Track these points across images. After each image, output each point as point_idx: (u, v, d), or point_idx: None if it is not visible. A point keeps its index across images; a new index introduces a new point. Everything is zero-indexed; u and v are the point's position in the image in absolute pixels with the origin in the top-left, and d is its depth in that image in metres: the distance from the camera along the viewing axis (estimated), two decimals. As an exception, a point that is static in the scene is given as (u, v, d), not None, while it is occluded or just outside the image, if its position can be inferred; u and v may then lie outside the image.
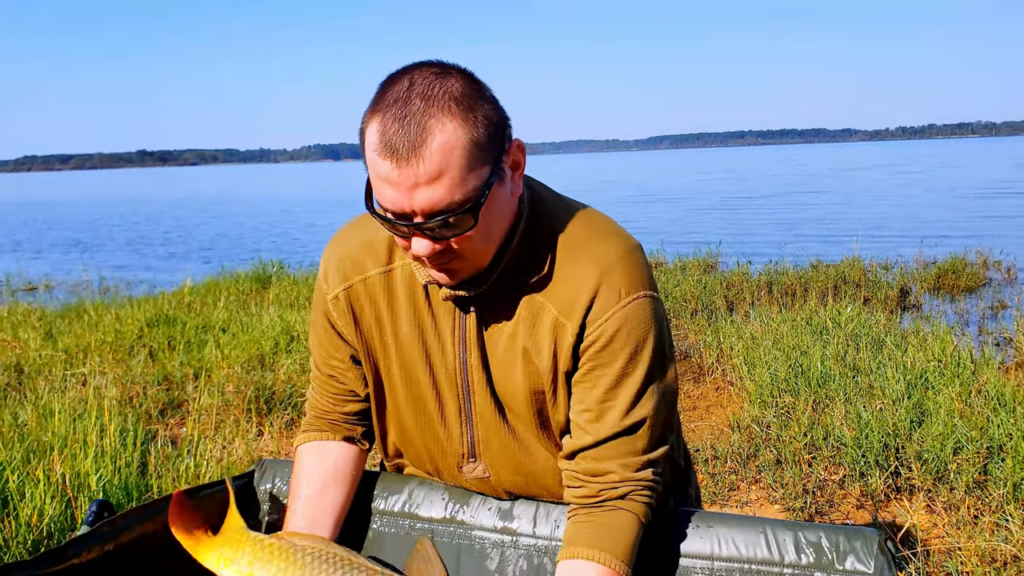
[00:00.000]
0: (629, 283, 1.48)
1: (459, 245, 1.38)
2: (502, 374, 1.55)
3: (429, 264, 1.42)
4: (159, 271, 16.47)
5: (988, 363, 5.21)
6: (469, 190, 1.33)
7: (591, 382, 1.51)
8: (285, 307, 8.88)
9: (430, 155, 1.29)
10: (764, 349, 5.90)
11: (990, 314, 8.61)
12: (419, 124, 1.29)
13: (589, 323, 1.48)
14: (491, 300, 1.53)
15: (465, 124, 1.32)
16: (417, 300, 1.58)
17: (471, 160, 1.32)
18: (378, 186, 1.35)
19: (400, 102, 1.31)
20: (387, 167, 1.31)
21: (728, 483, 4.23)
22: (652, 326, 1.50)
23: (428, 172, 1.29)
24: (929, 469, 3.93)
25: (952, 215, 21.62)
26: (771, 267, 10.21)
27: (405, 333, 1.59)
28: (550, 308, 1.50)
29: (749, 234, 18.14)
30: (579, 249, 1.51)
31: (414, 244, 1.36)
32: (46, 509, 3.30)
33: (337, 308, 1.64)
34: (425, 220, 1.33)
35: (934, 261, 10.84)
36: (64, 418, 4.24)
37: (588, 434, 1.51)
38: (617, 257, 1.50)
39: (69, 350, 6.94)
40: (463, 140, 1.31)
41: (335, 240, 1.68)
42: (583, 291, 1.48)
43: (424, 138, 1.29)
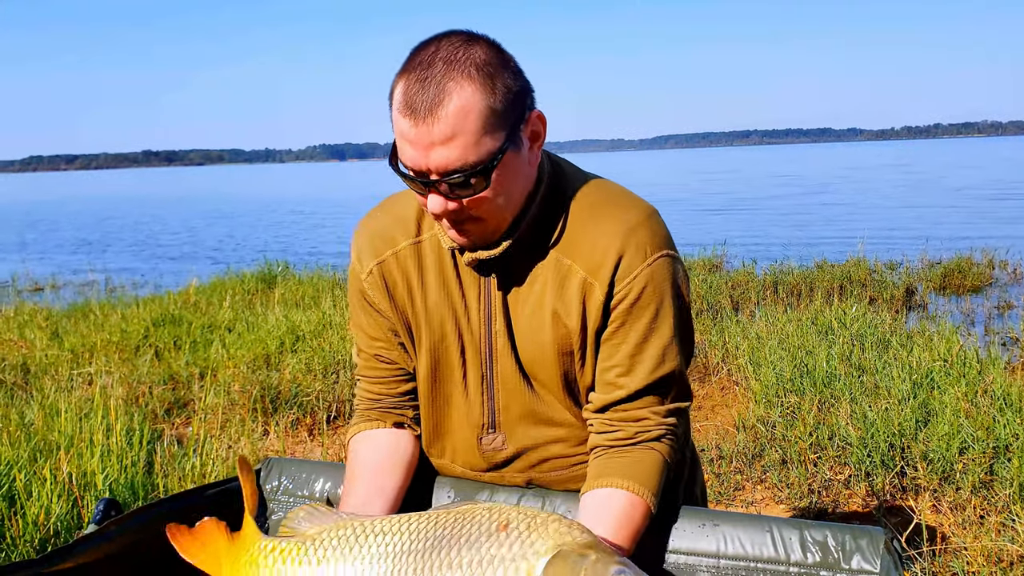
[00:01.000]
0: (653, 243, 1.56)
1: (473, 206, 1.45)
2: (528, 339, 1.60)
3: (447, 224, 1.49)
4: (165, 271, 16.51)
5: (994, 363, 5.19)
6: (483, 153, 1.40)
7: (620, 338, 1.57)
8: (291, 307, 8.90)
9: (446, 116, 1.36)
10: (769, 349, 5.90)
11: (996, 314, 8.59)
12: (438, 86, 1.37)
13: (617, 281, 1.54)
14: (516, 266, 1.59)
15: (483, 90, 1.39)
16: (446, 269, 1.63)
17: (486, 125, 1.39)
18: (400, 144, 1.43)
19: (424, 65, 1.39)
20: (407, 125, 1.39)
21: (734, 483, 4.23)
22: (675, 284, 1.58)
23: (443, 133, 1.36)
24: (935, 469, 3.92)
25: (958, 215, 21.58)
26: (776, 267, 10.20)
27: (433, 302, 1.64)
28: (577, 269, 1.56)
29: (755, 234, 18.12)
30: (602, 213, 1.58)
31: (430, 201, 1.44)
32: (53, 508, 3.31)
33: (372, 283, 1.68)
34: (440, 179, 1.40)
35: (940, 261, 10.82)
36: (70, 417, 4.26)
37: (620, 388, 1.58)
38: (640, 219, 1.57)
39: (75, 350, 6.97)
40: (479, 105, 1.38)
41: (364, 221, 1.73)
42: (610, 251, 1.54)
43: (441, 99, 1.36)
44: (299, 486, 1.85)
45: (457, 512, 1.43)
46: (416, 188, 1.46)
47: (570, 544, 1.31)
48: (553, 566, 1.28)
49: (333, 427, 5.40)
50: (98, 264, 16.82)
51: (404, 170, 1.44)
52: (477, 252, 1.55)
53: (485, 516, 1.39)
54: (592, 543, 1.32)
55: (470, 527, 1.38)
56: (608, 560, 1.27)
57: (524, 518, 1.37)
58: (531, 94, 1.49)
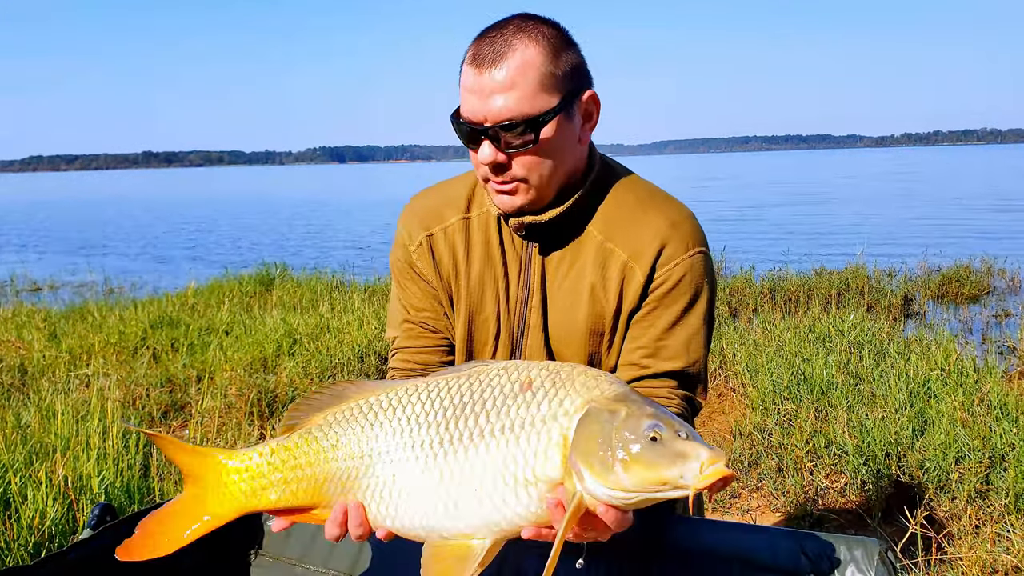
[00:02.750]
0: (694, 239, 1.67)
1: (519, 162, 1.56)
2: (561, 315, 1.69)
3: (493, 180, 1.60)
4: (163, 273, 16.50)
5: (991, 372, 5.20)
6: (536, 108, 1.53)
7: (650, 321, 1.65)
8: (288, 310, 8.90)
9: (508, 67, 1.51)
10: (767, 356, 5.90)
11: (994, 322, 8.59)
12: (506, 42, 1.53)
13: (659, 267, 1.65)
14: (560, 242, 1.69)
15: (545, 53, 1.54)
16: (491, 246, 1.74)
17: (543, 84, 1.53)
18: (463, 96, 1.56)
19: (497, 27, 1.56)
20: (472, 74, 1.53)
21: (729, 490, 4.23)
22: (710, 281, 1.69)
23: (503, 82, 1.51)
24: (931, 478, 3.92)
25: (957, 223, 21.58)
26: (775, 273, 10.20)
27: (476, 275, 1.74)
28: (619, 253, 1.66)
29: (753, 240, 18.12)
30: (648, 206, 1.69)
31: (481, 150, 1.56)
32: (48, 511, 3.31)
33: (420, 255, 1.78)
34: (493, 126, 1.52)
35: (938, 269, 10.82)
36: (67, 420, 4.25)
37: (643, 369, 1.65)
38: (683, 216, 1.69)
39: (73, 351, 6.96)
40: (539, 64, 1.53)
41: (414, 199, 1.85)
42: (654, 239, 1.65)
43: (506, 53, 1.52)
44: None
45: (470, 375, 1.37)
46: (470, 139, 1.57)
47: (600, 399, 1.27)
48: (585, 426, 1.24)
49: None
50: (97, 265, 16.80)
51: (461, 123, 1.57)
52: (524, 216, 1.64)
53: (503, 377, 1.35)
54: (622, 395, 1.28)
55: (491, 390, 1.33)
56: (640, 414, 1.23)
57: (547, 374, 1.33)
58: (589, 77, 1.63)
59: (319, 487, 1.40)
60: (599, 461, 1.20)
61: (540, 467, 1.26)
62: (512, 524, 1.29)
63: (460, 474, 1.30)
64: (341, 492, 1.39)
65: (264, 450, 1.42)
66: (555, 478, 1.25)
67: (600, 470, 1.20)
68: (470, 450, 1.30)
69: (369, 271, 12.93)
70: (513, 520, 1.29)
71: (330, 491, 1.40)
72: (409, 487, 1.34)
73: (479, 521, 1.30)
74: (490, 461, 1.29)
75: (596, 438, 1.21)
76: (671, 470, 1.17)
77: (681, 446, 1.19)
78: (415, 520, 1.34)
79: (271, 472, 1.40)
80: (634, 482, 1.19)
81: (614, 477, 1.19)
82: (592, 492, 1.21)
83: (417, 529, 1.35)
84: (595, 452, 1.21)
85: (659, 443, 1.19)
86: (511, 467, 1.28)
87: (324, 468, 1.39)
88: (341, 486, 1.39)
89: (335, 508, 1.38)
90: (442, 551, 1.32)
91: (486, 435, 1.30)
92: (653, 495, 1.21)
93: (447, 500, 1.31)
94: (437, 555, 1.32)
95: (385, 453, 1.36)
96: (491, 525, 1.30)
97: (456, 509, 1.31)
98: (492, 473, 1.28)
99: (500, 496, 1.28)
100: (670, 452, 1.18)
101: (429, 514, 1.33)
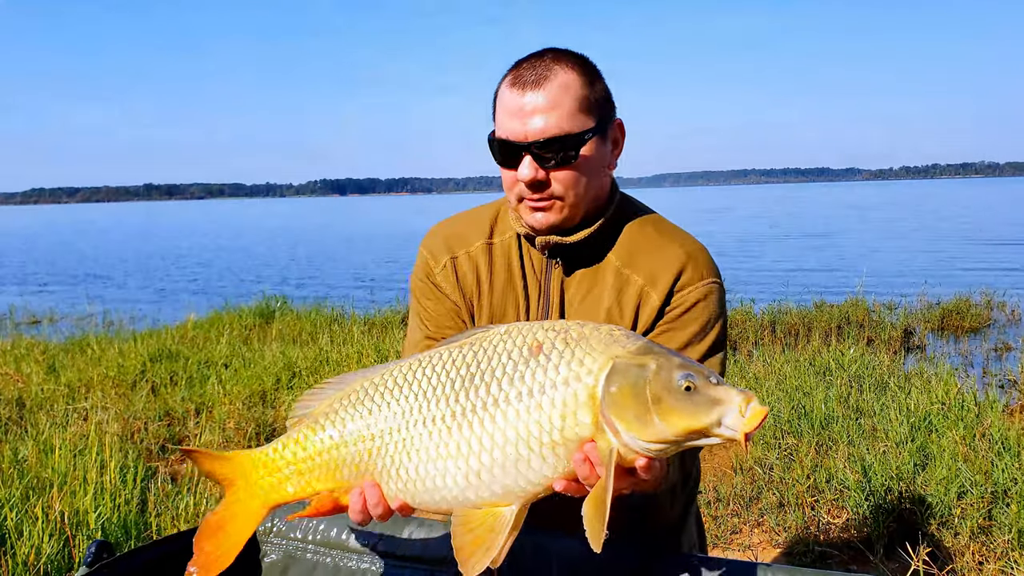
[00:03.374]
0: (709, 269, 1.77)
1: (557, 179, 1.66)
2: None
3: (529, 199, 1.69)
4: (163, 305, 16.50)
5: (992, 406, 5.18)
6: (575, 127, 1.64)
7: (663, 342, 1.66)
8: (288, 343, 8.89)
9: (549, 88, 1.63)
10: (767, 390, 5.89)
11: (994, 356, 8.58)
12: (546, 67, 1.65)
13: (675, 292, 1.73)
14: (580, 267, 1.78)
15: (582, 78, 1.66)
16: (512, 269, 1.83)
17: (581, 105, 1.65)
18: (502, 120, 1.67)
19: (534, 56, 1.69)
20: (514, 96, 1.64)
21: (730, 526, 4.20)
22: (722, 312, 1.77)
23: (545, 102, 1.62)
24: (933, 513, 3.89)
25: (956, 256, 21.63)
26: (774, 306, 10.20)
27: (498, 295, 1.83)
28: (636, 279, 1.74)
29: (752, 273, 18.15)
30: (665, 238, 1.79)
31: (521, 168, 1.65)
32: (44, 548, 3.28)
33: (444, 276, 1.87)
34: (536, 143, 1.62)
35: (938, 302, 10.82)
36: (64, 454, 4.23)
37: None
38: (698, 249, 1.79)
39: (71, 384, 6.94)
40: (577, 87, 1.65)
41: (439, 225, 1.95)
42: (671, 266, 1.73)
43: (548, 75, 1.64)
44: (292, 528, 1.83)
45: (472, 344, 1.37)
46: (510, 157, 1.67)
47: (623, 354, 1.26)
48: (615, 382, 1.24)
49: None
50: (96, 297, 16.81)
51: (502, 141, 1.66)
52: (554, 236, 1.73)
53: (508, 342, 1.34)
54: (644, 348, 1.28)
55: (498, 357, 1.33)
56: (670, 366, 1.23)
57: (555, 335, 1.32)
58: (615, 108, 1.76)
59: (333, 474, 1.42)
60: (635, 416, 1.22)
61: (569, 428, 1.26)
62: (539, 486, 1.30)
63: (479, 445, 1.30)
64: (357, 476, 1.41)
65: (277, 445, 1.46)
66: (585, 437, 1.26)
67: (637, 424, 1.22)
68: (486, 421, 1.30)
69: (369, 304, 12.94)
70: (540, 482, 1.29)
71: (346, 476, 1.41)
72: (425, 463, 1.34)
73: (505, 489, 1.31)
74: (510, 429, 1.29)
75: (629, 393, 1.23)
76: (710, 416, 1.19)
77: (716, 392, 1.20)
78: (436, 495, 1.34)
79: (285, 466, 1.44)
80: (675, 432, 1.21)
81: (653, 430, 1.21)
82: (630, 446, 1.23)
83: (439, 503, 1.35)
84: (630, 407, 1.22)
85: (694, 392, 1.21)
86: (535, 432, 1.28)
87: (335, 455, 1.41)
88: (356, 470, 1.40)
89: (353, 493, 1.40)
90: (471, 522, 1.32)
91: (501, 403, 1.29)
92: (694, 443, 1.23)
93: (468, 472, 1.31)
94: (467, 527, 1.32)
95: (396, 432, 1.37)
96: (518, 491, 1.30)
97: (479, 479, 1.31)
98: (515, 440, 1.28)
99: (525, 462, 1.28)
100: (706, 399, 1.20)
101: (451, 488, 1.33)
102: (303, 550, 1.79)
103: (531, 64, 1.66)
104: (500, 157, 1.69)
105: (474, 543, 1.30)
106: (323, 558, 1.77)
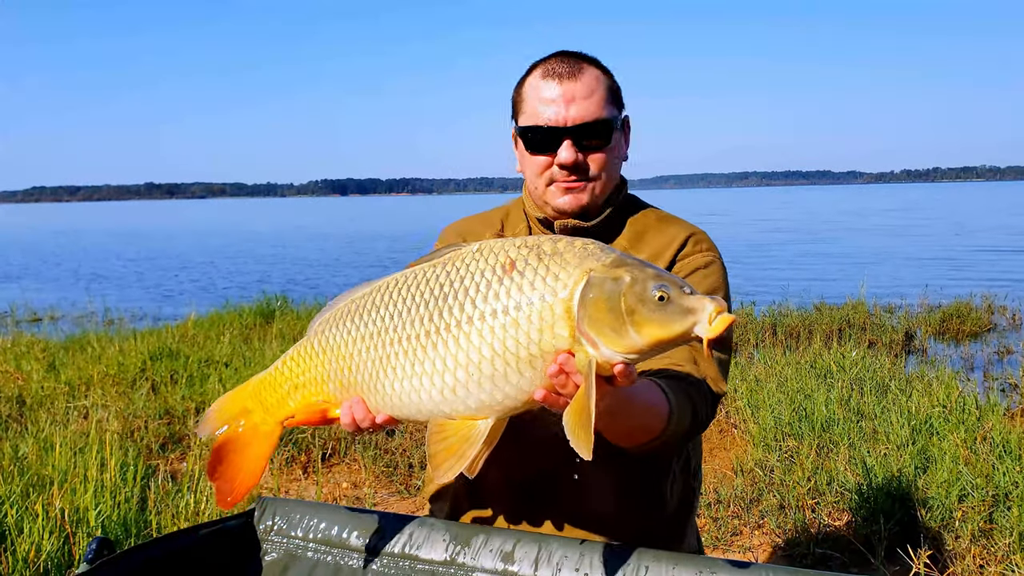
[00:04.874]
0: (711, 245, 1.88)
1: (594, 160, 1.79)
2: None
3: (562, 181, 1.79)
4: (164, 303, 16.50)
5: (993, 409, 5.18)
6: (608, 114, 1.79)
7: None
8: (288, 342, 8.88)
9: (585, 79, 1.78)
10: (768, 392, 5.88)
11: (995, 359, 8.58)
12: (577, 62, 1.80)
13: (680, 258, 1.84)
14: None
15: (606, 75, 1.83)
16: None
17: (609, 96, 1.81)
18: (537, 109, 1.79)
19: (558, 54, 1.82)
20: (552, 86, 1.77)
21: (731, 528, 4.19)
22: (725, 285, 1.85)
23: (583, 90, 1.77)
24: (934, 517, 3.89)
25: (958, 259, 21.63)
26: (775, 309, 10.20)
27: None
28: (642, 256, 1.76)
29: (753, 275, 18.15)
30: (668, 223, 1.91)
31: (561, 151, 1.77)
32: (44, 545, 3.28)
33: None
34: (576, 127, 1.75)
35: (939, 305, 10.83)
36: (65, 452, 4.23)
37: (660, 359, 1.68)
38: (701, 230, 1.90)
39: (72, 382, 6.94)
40: (605, 80, 1.82)
41: (452, 225, 2.05)
42: (675, 240, 1.85)
43: (581, 68, 1.79)
44: (292, 527, 1.83)
45: (444, 262, 1.40)
46: (547, 142, 1.77)
47: (597, 267, 1.28)
48: (590, 296, 1.26)
49: (328, 465, 5.37)
50: (97, 295, 16.80)
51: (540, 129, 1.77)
52: (572, 220, 1.83)
53: (480, 261, 1.36)
54: (617, 260, 1.29)
55: (471, 276, 1.35)
56: (643, 277, 1.25)
57: (527, 251, 1.34)
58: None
59: (322, 387, 1.52)
60: (611, 328, 1.24)
61: (547, 342, 1.28)
62: (516, 400, 1.33)
63: (454, 362, 1.33)
64: (342, 390, 1.49)
65: (278, 363, 1.59)
66: (563, 349, 1.28)
67: (613, 336, 1.24)
68: (461, 339, 1.33)
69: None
70: (517, 396, 1.32)
71: (333, 390, 1.51)
72: (402, 380, 1.40)
73: (480, 403, 1.34)
74: (486, 346, 1.31)
75: (604, 306, 1.25)
76: (683, 325, 1.22)
77: (688, 302, 1.23)
78: (413, 409, 1.40)
79: (284, 382, 1.56)
80: (649, 342, 1.23)
81: (628, 340, 1.23)
82: (607, 357, 1.25)
83: (418, 416, 1.40)
84: (606, 319, 1.24)
85: (668, 302, 1.23)
86: (512, 347, 1.30)
87: (322, 371, 1.51)
88: (340, 384, 1.49)
89: (343, 407, 1.50)
90: (446, 432, 1.37)
91: (476, 321, 1.32)
92: (667, 348, 1.27)
93: (443, 388, 1.35)
94: (440, 435, 1.37)
95: (373, 350, 1.43)
96: (494, 404, 1.34)
97: (455, 395, 1.34)
98: (490, 357, 1.31)
99: (502, 376, 1.31)
100: (680, 308, 1.23)
101: (427, 403, 1.38)
102: (304, 548, 1.79)
103: (559, 60, 1.79)
104: (537, 143, 1.79)
105: (448, 451, 1.35)
106: (324, 556, 1.76)
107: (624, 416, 1.49)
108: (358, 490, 4.95)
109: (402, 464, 5.21)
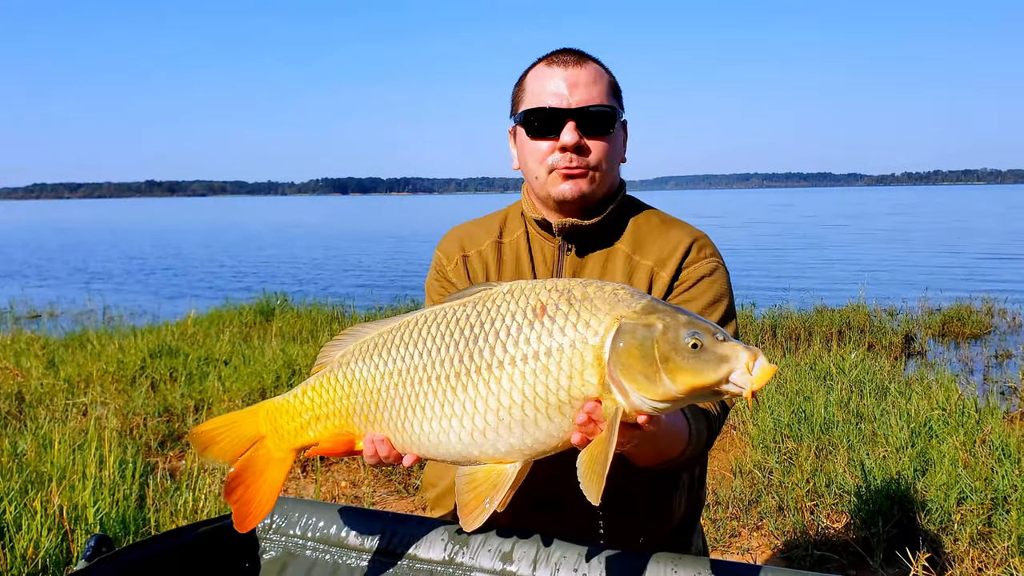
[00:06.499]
0: (714, 251, 1.88)
1: (595, 147, 1.79)
2: None
3: (563, 167, 1.79)
4: (163, 301, 16.48)
5: (993, 412, 5.17)
6: (610, 103, 1.82)
7: None
8: (288, 340, 8.88)
9: (589, 68, 1.82)
10: (767, 393, 5.88)
11: (995, 362, 8.57)
12: (578, 53, 1.84)
13: (684, 267, 1.83)
14: (591, 254, 1.86)
15: (608, 72, 1.85)
16: (521, 263, 1.93)
17: (611, 89, 1.85)
18: (539, 95, 1.80)
19: (560, 50, 1.85)
20: (555, 71, 1.80)
21: (730, 529, 4.19)
22: (729, 289, 1.85)
23: (587, 76, 1.80)
24: (933, 519, 3.89)
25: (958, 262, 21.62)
26: (775, 311, 10.20)
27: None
28: (645, 263, 1.84)
29: (753, 277, 18.14)
30: (670, 226, 1.90)
31: (564, 133, 1.77)
32: (42, 542, 3.27)
33: (456, 272, 1.99)
34: (580, 109, 1.77)
35: (939, 308, 10.82)
36: (63, 449, 4.22)
37: None
38: (703, 233, 1.91)
39: (71, 379, 6.93)
40: (607, 76, 1.85)
41: (453, 229, 2.06)
42: (679, 247, 1.84)
43: (585, 59, 1.83)
44: (291, 525, 1.83)
45: (475, 302, 1.39)
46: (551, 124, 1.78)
47: (628, 314, 1.27)
48: (621, 343, 1.24)
49: (326, 464, 5.37)
50: (97, 293, 16.79)
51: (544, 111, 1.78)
52: (571, 219, 1.83)
53: (512, 303, 1.35)
54: (649, 307, 1.28)
55: (501, 318, 1.34)
56: (676, 324, 1.24)
57: (558, 295, 1.33)
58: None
59: (346, 421, 1.49)
60: (643, 375, 1.23)
61: (576, 389, 1.28)
62: (544, 445, 1.32)
63: (484, 406, 1.33)
64: (367, 424, 1.47)
65: (297, 392, 1.55)
66: (591, 396, 1.27)
67: (647, 384, 1.23)
68: (492, 383, 1.32)
69: (370, 302, 12.93)
70: (546, 441, 1.32)
71: (357, 424, 1.48)
72: (430, 420, 1.38)
73: (509, 447, 1.33)
74: (516, 391, 1.31)
75: (637, 353, 1.23)
76: (718, 374, 1.20)
77: (722, 349, 1.21)
78: (440, 450, 1.39)
79: (304, 411, 1.53)
80: (684, 390, 1.22)
81: (663, 388, 1.22)
82: (637, 406, 1.24)
83: (443, 456, 1.39)
84: (638, 367, 1.23)
85: (702, 349, 1.21)
86: (543, 394, 1.29)
87: (346, 404, 1.49)
88: (365, 419, 1.47)
89: (366, 441, 1.48)
90: (476, 482, 1.35)
91: (506, 366, 1.31)
92: (701, 399, 1.26)
93: (473, 431, 1.34)
94: (472, 486, 1.35)
95: (401, 387, 1.42)
96: (523, 448, 1.33)
97: (484, 438, 1.33)
98: (521, 402, 1.30)
99: (532, 422, 1.30)
100: (714, 357, 1.21)
101: (455, 444, 1.36)
102: (302, 547, 1.79)
103: (563, 52, 1.83)
104: (540, 127, 1.80)
105: (477, 499, 1.34)
106: (322, 555, 1.76)
107: (648, 444, 1.48)
108: (357, 489, 4.94)
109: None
